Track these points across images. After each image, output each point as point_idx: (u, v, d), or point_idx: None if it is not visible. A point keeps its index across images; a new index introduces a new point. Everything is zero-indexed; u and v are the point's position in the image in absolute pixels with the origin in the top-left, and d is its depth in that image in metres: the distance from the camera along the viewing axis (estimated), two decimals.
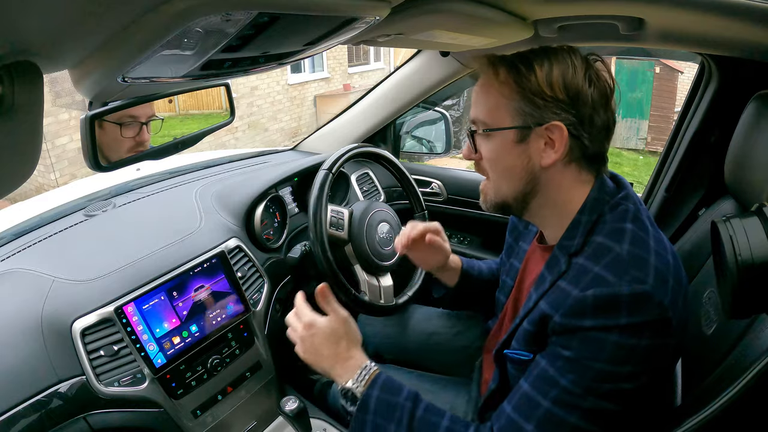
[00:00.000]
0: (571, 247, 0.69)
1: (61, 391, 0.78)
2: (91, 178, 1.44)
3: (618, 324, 0.60)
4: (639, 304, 0.60)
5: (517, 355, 0.73)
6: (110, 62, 0.43)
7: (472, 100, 0.75)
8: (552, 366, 0.64)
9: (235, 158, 1.56)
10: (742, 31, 0.76)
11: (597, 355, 0.61)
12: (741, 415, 0.60)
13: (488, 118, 0.72)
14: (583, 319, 0.61)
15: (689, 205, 1.22)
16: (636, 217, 0.68)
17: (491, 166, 0.74)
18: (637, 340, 0.60)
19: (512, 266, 0.91)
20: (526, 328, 0.71)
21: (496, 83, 0.70)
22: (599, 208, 0.69)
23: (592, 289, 0.62)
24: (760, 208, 0.57)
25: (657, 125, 7.71)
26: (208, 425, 0.95)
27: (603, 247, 0.65)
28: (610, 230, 0.67)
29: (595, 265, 0.64)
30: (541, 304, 0.68)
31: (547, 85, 0.67)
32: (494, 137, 0.71)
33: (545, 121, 0.67)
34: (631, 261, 0.62)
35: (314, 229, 1.10)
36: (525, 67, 0.68)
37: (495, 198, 0.76)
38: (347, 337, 0.78)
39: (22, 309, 0.83)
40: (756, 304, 0.56)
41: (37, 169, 0.43)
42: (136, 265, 0.93)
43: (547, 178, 0.71)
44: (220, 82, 0.81)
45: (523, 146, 0.70)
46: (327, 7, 0.48)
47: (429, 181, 1.66)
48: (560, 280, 0.68)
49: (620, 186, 0.74)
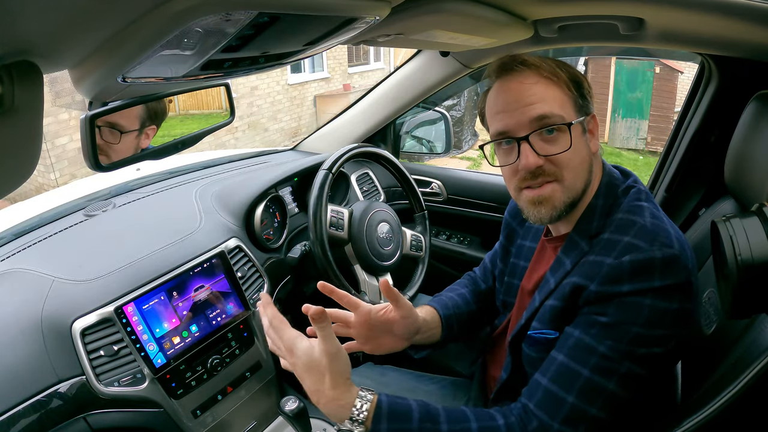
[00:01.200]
0: (591, 230, 0.72)
1: (61, 391, 0.78)
2: (91, 178, 1.44)
3: (652, 287, 0.63)
4: (670, 266, 0.63)
5: (542, 335, 0.73)
6: (110, 62, 0.43)
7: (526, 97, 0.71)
8: (587, 334, 0.65)
9: (235, 158, 1.56)
10: (742, 31, 0.77)
11: (635, 319, 0.63)
12: (741, 415, 0.60)
13: (562, 111, 0.71)
14: (621, 284, 0.64)
15: (689, 205, 1.22)
16: (648, 198, 0.73)
17: (571, 161, 0.71)
18: (668, 303, 0.63)
19: (517, 266, 0.90)
20: (553, 304, 0.72)
21: (557, 79, 0.71)
22: (613, 192, 0.74)
23: (628, 255, 0.64)
24: (760, 208, 0.57)
25: (657, 125, 7.71)
26: (208, 425, 0.95)
27: (626, 221, 0.69)
28: (628, 207, 0.71)
29: (624, 236, 0.67)
30: (570, 279, 0.70)
31: (585, 82, 0.74)
32: (573, 130, 0.71)
33: (590, 113, 0.75)
34: (656, 230, 0.66)
35: (314, 229, 1.10)
36: (566, 66, 0.73)
37: (568, 198, 0.72)
38: (331, 372, 0.65)
39: (22, 309, 0.83)
40: (756, 304, 0.56)
41: (37, 169, 0.43)
42: (136, 265, 0.93)
43: (594, 165, 0.75)
44: (220, 82, 0.80)
45: (585, 137, 0.74)
46: (327, 7, 0.48)
47: (429, 181, 1.66)
48: (585, 257, 0.70)
49: (625, 173, 0.78)
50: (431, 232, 1.65)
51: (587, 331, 0.66)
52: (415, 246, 1.32)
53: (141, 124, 0.84)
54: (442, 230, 1.72)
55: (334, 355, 0.66)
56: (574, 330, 0.67)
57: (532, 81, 0.71)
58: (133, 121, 0.83)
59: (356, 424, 0.65)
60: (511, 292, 0.90)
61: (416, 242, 1.33)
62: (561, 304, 0.70)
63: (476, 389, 0.99)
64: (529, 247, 0.89)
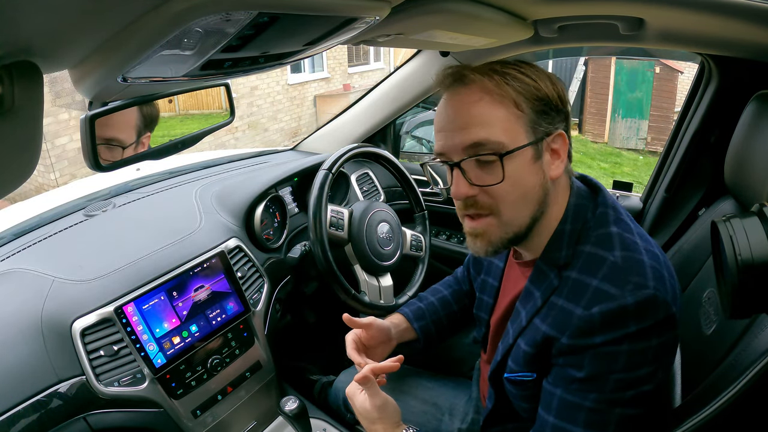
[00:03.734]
0: (560, 259, 0.66)
1: (61, 391, 0.78)
2: (91, 178, 1.44)
3: (628, 333, 0.59)
4: (645, 309, 0.59)
5: (519, 378, 0.71)
6: (110, 62, 0.43)
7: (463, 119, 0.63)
8: (568, 392, 0.63)
9: (235, 158, 1.56)
10: (742, 31, 0.76)
11: (611, 367, 0.60)
12: (741, 415, 0.60)
13: (504, 137, 0.62)
14: (593, 337, 0.60)
15: (689, 205, 1.22)
16: (617, 219, 0.66)
17: (508, 194, 0.64)
18: (647, 342, 0.60)
19: (486, 283, 0.88)
20: (525, 350, 0.69)
21: (504, 95, 0.62)
22: (582, 215, 0.67)
23: (597, 306, 0.60)
24: (760, 208, 0.57)
25: (657, 125, 7.71)
26: (208, 425, 0.95)
27: (595, 258, 0.63)
28: (597, 238, 0.65)
29: (593, 279, 0.62)
30: (540, 325, 0.66)
31: (552, 94, 0.64)
32: (513, 159, 0.62)
33: (553, 132, 0.65)
34: (628, 267, 0.61)
35: (314, 229, 1.10)
36: (525, 77, 0.63)
37: (506, 235, 0.66)
38: (381, 419, 0.76)
39: (22, 309, 0.83)
40: (756, 304, 0.56)
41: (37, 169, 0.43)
42: (136, 265, 0.93)
43: (554, 192, 0.67)
44: (220, 82, 0.80)
45: (539, 163, 0.64)
46: (327, 7, 0.48)
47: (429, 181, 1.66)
48: (554, 296, 0.66)
49: (592, 187, 0.71)
50: (431, 232, 1.65)
51: (568, 388, 0.63)
52: (415, 246, 1.32)
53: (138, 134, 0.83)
54: (442, 230, 1.72)
55: (381, 407, 0.76)
56: (555, 389, 0.64)
57: (474, 99, 0.63)
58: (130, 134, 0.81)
59: None
60: (482, 307, 0.88)
61: (416, 242, 1.33)
62: (533, 351, 0.67)
63: (476, 389, 0.99)
64: (497, 265, 0.86)
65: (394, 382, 1.04)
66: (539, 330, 0.66)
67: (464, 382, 1.05)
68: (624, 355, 0.59)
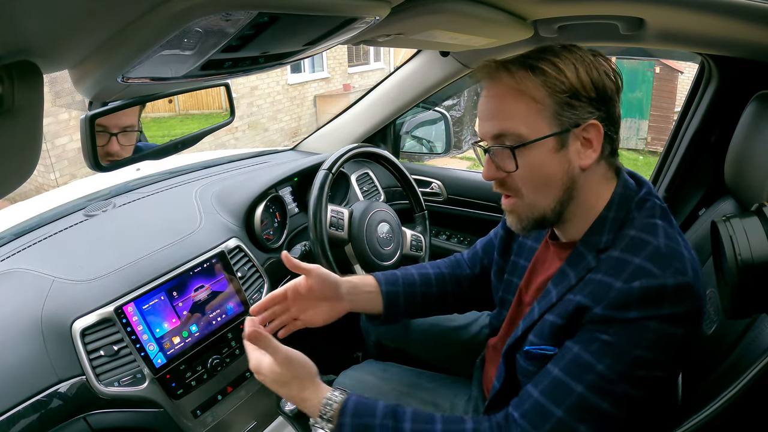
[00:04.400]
0: (600, 243, 0.68)
1: (61, 391, 0.78)
2: (91, 178, 1.44)
3: (661, 314, 0.60)
4: (682, 295, 0.61)
5: (541, 351, 0.71)
6: (110, 62, 0.43)
7: (490, 111, 0.68)
8: (587, 350, 0.63)
9: (235, 158, 1.56)
10: (742, 31, 0.77)
11: (637, 342, 0.61)
12: (741, 415, 0.60)
13: (524, 129, 0.66)
14: (629, 310, 0.61)
15: (689, 205, 1.22)
16: (663, 215, 0.69)
17: (527, 181, 0.68)
18: (675, 328, 0.60)
19: (517, 265, 0.88)
20: (553, 321, 0.69)
21: (524, 90, 0.66)
22: (626, 205, 0.69)
23: (639, 281, 0.61)
24: (760, 208, 0.57)
25: (657, 125, 7.71)
26: (208, 425, 0.95)
27: (639, 240, 0.65)
28: (642, 225, 0.67)
29: (635, 257, 0.64)
30: (574, 297, 0.67)
31: (579, 84, 0.65)
32: (532, 149, 0.66)
33: (582, 122, 0.66)
34: (670, 254, 0.63)
35: (314, 229, 1.10)
36: (551, 68, 0.65)
37: (532, 215, 0.70)
38: (294, 379, 0.71)
39: (22, 309, 0.83)
40: (756, 304, 0.56)
41: (37, 169, 0.43)
42: (136, 265, 0.93)
43: (584, 180, 0.69)
44: (220, 82, 0.80)
45: (563, 152, 0.67)
46: (327, 7, 0.48)
47: (429, 181, 1.66)
48: (591, 274, 0.67)
49: (640, 183, 0.74)
50: (431, 232, 1.66)
51: (587, 347, 0.63)
52: (415, 246, 1.32)
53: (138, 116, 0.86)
54: (442, 230, 1.72)
55: (288, 362, 0.71)
56: (573, 345, 0.65)
57: (499, 93, 0.67)
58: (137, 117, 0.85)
59: (325, 422, 0.70)
60: (510, 289, 0.89)
61: (416, 242, 1.33)
62: (562, 322, 0.67)
63: (476, 388, 0.99)
64: (530, 246, 0.87)
65: (393, 383, 1.04)
66: (572, 301, 0.67)
67: (464, 382, 1.05)
68: (651, 333, 0.60)
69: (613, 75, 0.68)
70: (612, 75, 0.68)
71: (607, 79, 0.67)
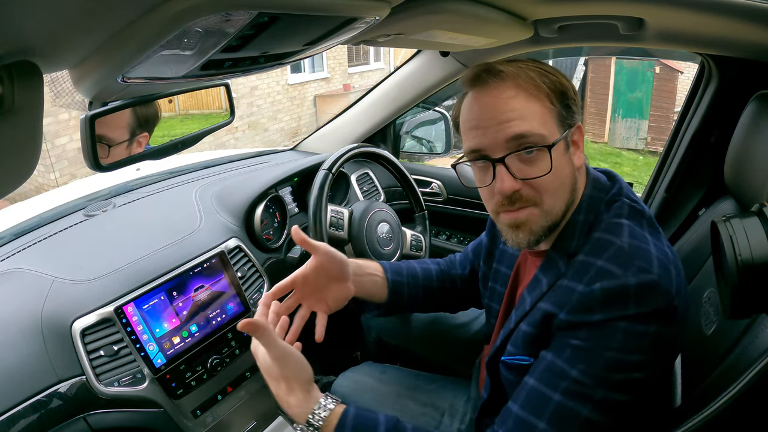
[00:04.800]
0: (570, 248, 0.67)
1: (60, 391, 0.78)
2: (91, 178, 1.44)
3: (627, 314, 0.59)
4: (646, 293, 0.60)
5: (517, 361, 0.70)
6: (110, 62, 0.43)
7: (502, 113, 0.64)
8: (559, 357, 0.62)
9: (235, 158, 1.56)
10: (742, 31, 0.77)
11: (607, 344, 0.60)
12: (741, 415, 0.60)
13: (544, 130, 0.64)
14: (592, 314, 0.61)
15: (689, 205, 1.22)
16: (632, 213, 0.68)
17: (551, 185, 0.65)
18: (645, 327, 0.59)
19: (500, 272, 0.87)
20: (525, 330, 0.69)
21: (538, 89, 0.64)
22: (596, 207, 0.69)
23: (599, 283, 0.61)
24: (760, 208, 0.57)
25: (657, 125, 7.71)
26: (208, 425, 0.95)
27: (603, 241, 0.65)
28: (607, 225, 0.66)
29: (598, 259, 0.63)
30: (542, 305, 0.67)
31: (570, 88, 0.67)
32: (554, 151, 0.64)
33: (575, 123, 0.68)
34: (634, 252, 0.62)
35: (314, 229, 1.10)
36: (548, 73, 0.66)
37: (546, 223, 0.67)
38: (284, 378, 0.67)
39: (22, 309, 0.83)
40: (756, 304, 0.56)
41: (37, 169, 0.43)
42: (136, 265, 0.93)
43: (577, 182, 0.70)
44: (220, 82, 0.80)
45: (568, 153, 0.67)
46: (327, 7, 0.48)
47: (429, 181, 1.66)
48: (560, 279, 0.67)
49: (613, 182, 0.73)
50: (431, 232, 1.66)
51: (559, 354, 0.62)
52: (415, 246, 1.32)
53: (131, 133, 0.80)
54: (442, 230, 1.72)
55: (281, 358, 0.67)
56: (547, 353, 0.64)
57: (510, 94, 0.64)
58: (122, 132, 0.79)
59: (311, 429, 0.66)
60: (495, 297, 0.88)
61: (416, 242, 1.33)
62: (534, 330, 0.67)
63: (476, 389, 0.99)
64: (511, 253, 0.86)
65: (392, 385, 1.04)
66: (540, 309, 0.67)
67: (463, 382, 1.05)
68: (620, 334, 0.59)
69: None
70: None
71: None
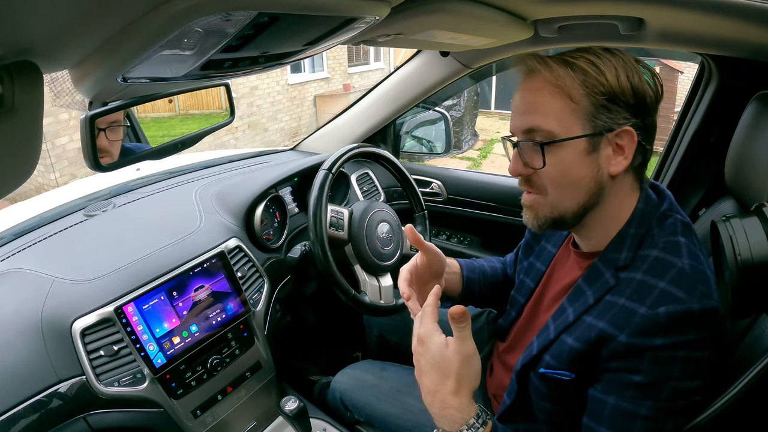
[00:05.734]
0: (619, 261, 0.66)
1: (61, 391, 0.78)
2: (91, 178, 1.44)
3: (687, 340, 0.59)
4: (707, 319, 0.59)
5: (557, 375, 0.68)
6: (110, 62, 0.43)
7: (524, 105, 0.67)
8: (623, 399, 0.61)
9: (235, 158, 1.56)
10: (742, 31, 0.76)
11: (669, 374, 0.59)
12: (742, 415, 0.60)
13: (557, 126, 0.64)
14: (654, 338, 0.59)
15: (689, 205, 1.22)
16: (685, 231, 0.67)
17: (555, 180, 0.67)
18: (702, 353, 0.59)
19: (533, 267, 0.87)
20: (572, 345, 0.66)
21: (561, 86, 0.64)
22: (647, 222, 0.67)
23: (664, 307, 0.59)
24: (760, 208, 0.57)
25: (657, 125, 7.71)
26: (208, 425, 0.95)
27: (663, 262, 0.63)
28: (665, 244, 0.65)
29: (660, 281, 0.61)
30: (596, 322, 0.65)
31: (618, 88, 0.63)
32: (563, 148, 0.65)
33: (617, 127, 0.64)
34: (695, 276, 0.61)
35: (314, 229, 1.10)
36: (592, 68, 0.63)
37: (551, 214, 0.69)
38: (458, 377, 0.62)
39: (22, 309, 0.83)
40: (756, 304, 0.56)
41: (37, 169, 0.43)
42: (136, 265, 0.93)
43: (611, 188, 0.67)
44: (220, 82, 0.80)
45: (593, 156, 0.65)
46: (327, 7, 0.48)
47: (429, 181, 1.66)
48: (612, 296, 0.65)
49: (662, 196, 0.71)
50: (431, 232, 1.66)
51: (623, 395, 0.61)
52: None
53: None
54: (442, 230, 1.72)
55: (467, 358, 0.62)
56: (607, 396, 0.62)
57: (536, 87, 0.66)
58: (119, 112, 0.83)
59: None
60: (522, 290, 0.87)
61: None
62: (583, 347, 0.65)
63: (479, 389, 0.98)
64: (549, 250, 0.85)
65: (393, 382, 1.04)
66: (594, 327, 0.65)
67: None
68: (680, 362, 0.59)
69: (654, 84, 0.66)
70: (653, 84, 0.66)
71: (648, 88, 0.65)
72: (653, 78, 0.66)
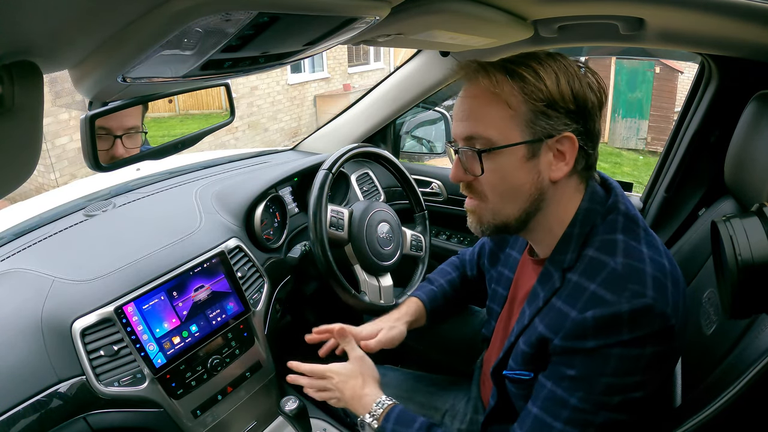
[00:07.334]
0: (564, 262, 0.67)
1: (60, 391, 0.78)
2: (91, 178, 1.44)
3: (621, 340, 0.59)
4: (640, 318, 0.59)
5: (517, 375, 0.72)
6: (110, 62, 0.43)
7: (463, 112, 0.67)
8: (558, 387, 0.63)
9: (235, 158, 1.56)
10: (742, 31, 0.77)
11: (602, 370, 0.60)
12: (741, 415, 0.60)
13: (495, 134, 0.64)
14: (585, 340, 0.61)
15: (689, 205, 1.22)
16: (626, 226, 0.66)
17: (494, 187, 0.67)
18: (641, 350, 0.59)
19: (502, 275, 0.88)
20: (523, 349, 0.70)
21: (499, 93, 0.64)
22: (591, 220, 0.67)
23: (591, 311, 0.60)
24: (760, 208, 0.57)
25: (657, 125, 7.71)
26: (208, 425, 0.95)
27: (596, 262, 0.63)
28: (601, 243, 0.65)
29: (591, 283, 0.62)
30: (538, 325, 0.67)
31: (558, 94, 0.63)
32: (501, 155, 0.65)
33: (557, 133, 0.64)
34: (627, 274, 0.61)
35: (314, 229, 1.10)
36: (531, 75, 0.63)
37: (493, 220, 0.69)
38: (362, 375, 0.83)
39: (22, 309, 0.83)
40: (756, 304, 0.56)
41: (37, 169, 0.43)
42: (136, 265, 0.93)
43: (553, 193, 0.67)
44: (220, 82, 0.80)
45: (533, 162, 0.65)
46: (327, 7, 0.48)
47: (429, 181, 1.66)
48: (555, 297, 0.67)
49: (609, 191, 0.71)
50: (431, 232, 1.65)
51: (558, 383, 0.64)
52: (415, 246, 1.32)
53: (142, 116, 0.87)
54: (442, 230, 1.72)
55: (361, 358, 0.85)
56: (546, 381, 0.65)
57: (474, 94, 0.66)
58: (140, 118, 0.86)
59: (372, 418, 0.78)
60: (496, 299, 0.88)
61: (416, 242, 1.33)
62: (531, 350, 0.68)
63: (476, 389, 0.98)
64: (514, 257, 0.87)
65: (392, 387, 1.04)
66: (536, 330, 0.67)
67: (463, 382, 1.05)
68: (615, 359, 0.59)
69: (597, 89, 0.65)
70: (596, 89, 0.65)
71: (590, 93, 0.65)
72: (597, 84, 0.66)
